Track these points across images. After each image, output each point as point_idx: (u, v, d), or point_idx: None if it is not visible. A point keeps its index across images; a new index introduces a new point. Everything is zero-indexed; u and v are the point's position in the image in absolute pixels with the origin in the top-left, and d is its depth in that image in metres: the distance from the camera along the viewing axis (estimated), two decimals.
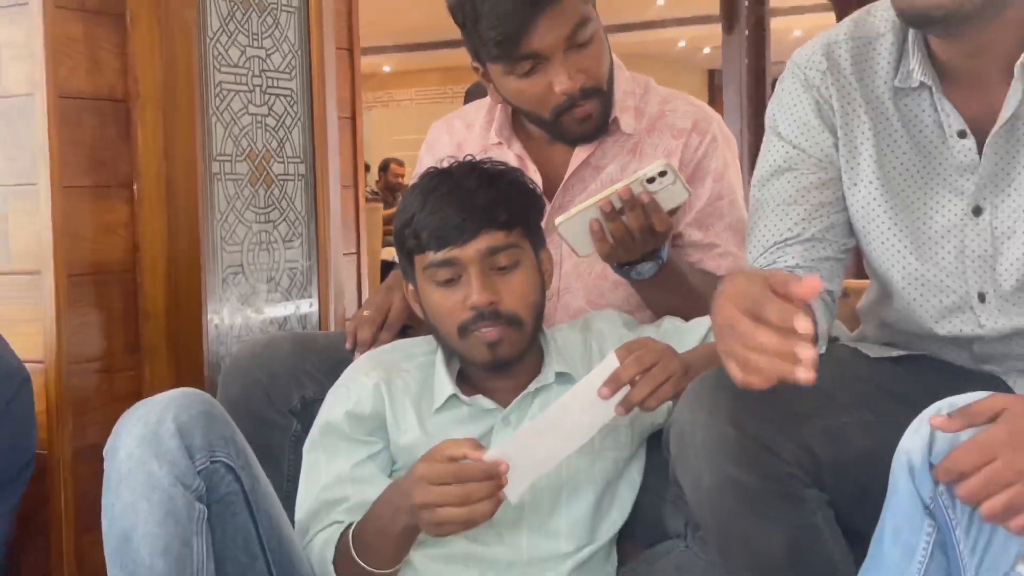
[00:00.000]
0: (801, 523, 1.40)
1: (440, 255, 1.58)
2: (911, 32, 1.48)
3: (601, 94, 1.82)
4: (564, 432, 1.46)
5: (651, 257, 1.69)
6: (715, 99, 9.93)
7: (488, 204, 1.58)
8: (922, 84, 1.48)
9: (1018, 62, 1.40)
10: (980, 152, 1.46)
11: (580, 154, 1.88)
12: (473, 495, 1.39)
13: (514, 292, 1.60)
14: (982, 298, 1.50)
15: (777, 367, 1.13)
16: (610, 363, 1.44)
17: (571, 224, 1.62)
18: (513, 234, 1.60)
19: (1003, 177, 1.46)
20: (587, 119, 1.81)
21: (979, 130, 1.46)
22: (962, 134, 1.47)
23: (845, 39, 1.56)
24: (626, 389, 1.44)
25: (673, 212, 1.64)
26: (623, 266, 1.72)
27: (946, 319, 1.53)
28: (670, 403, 1.47)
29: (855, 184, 1.55)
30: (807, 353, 1.13)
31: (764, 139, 1.62)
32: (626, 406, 1.44)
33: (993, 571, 1.19)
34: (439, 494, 1.40)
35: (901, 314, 1.56)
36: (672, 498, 1.62)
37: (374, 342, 1.82)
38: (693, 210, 1.86)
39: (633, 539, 1.72)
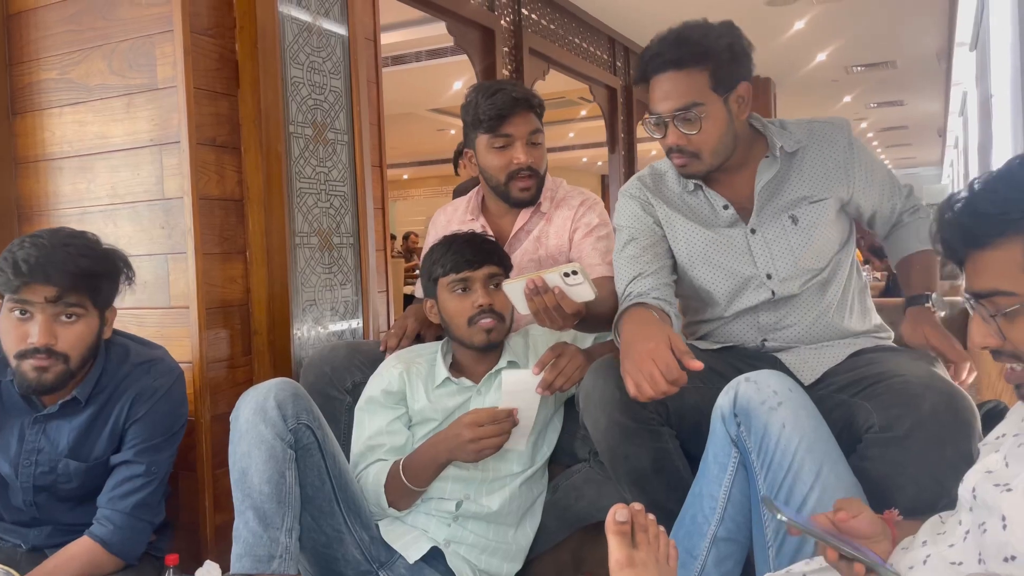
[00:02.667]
0: (659, 448, 1.42)
1: (460, 275, 1.60)
2: None
3: (538, 176, 1.85)
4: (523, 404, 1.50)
5: None
6: (605, 194, 9.98)
7: (489, 250, 1.63)
8: (696, 186, 1.58)
9: (761, 161, 1.53)
10: (738, 212, 1.55)
11: (518, 223, 1.90)
12: (499, 431, 1.46)
13: (502, 300, 1.61)
14: (769, 276, 1.53)
15: (657, 392, 1.21)
16: (517, 375, 1.50)
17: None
18: (502, 269, 1.64)
19: (765, 214, 1.53)
20: (526, 190, 1.84)
21: (738, 196, 1.56)
22: (726, 207, 1.55)
23: (648, 174, 1.67)
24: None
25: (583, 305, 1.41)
26: None
27: (748, 293, 1.56)
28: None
29: (676, 243, 1.60)
30: (694, 364, 1.23)
31: (616, 233, 1.66)
32: (551, 391, 1.50)
33: (773, 480, 1.20)
34: (482, 432, 1.45)
35: (721, 304, 1.59)
36: (581, 435, 1.62)
37: (398, 347, 1.80)
38: (582, 232, 1.85)
39: (558, 462, 1.72)
